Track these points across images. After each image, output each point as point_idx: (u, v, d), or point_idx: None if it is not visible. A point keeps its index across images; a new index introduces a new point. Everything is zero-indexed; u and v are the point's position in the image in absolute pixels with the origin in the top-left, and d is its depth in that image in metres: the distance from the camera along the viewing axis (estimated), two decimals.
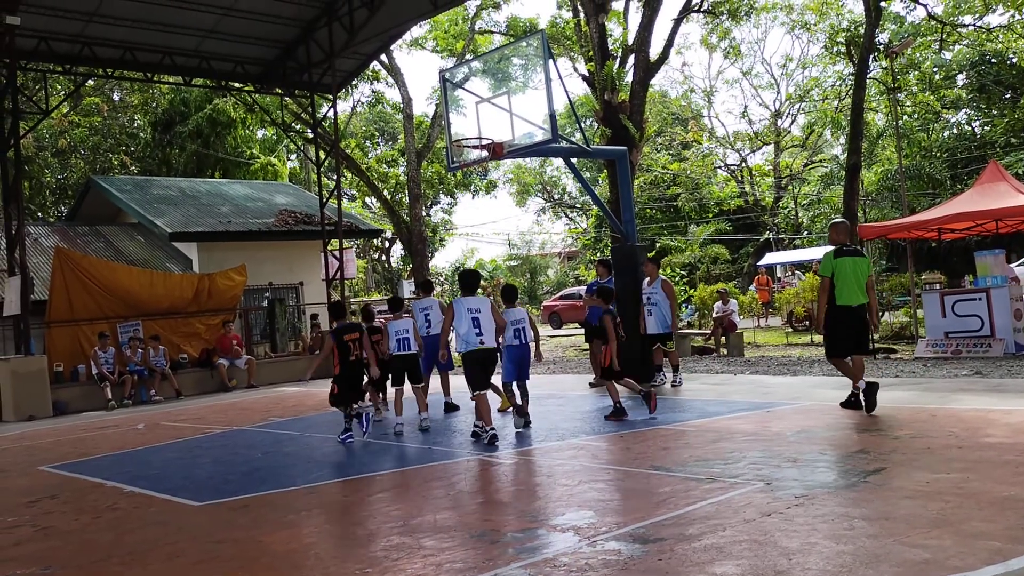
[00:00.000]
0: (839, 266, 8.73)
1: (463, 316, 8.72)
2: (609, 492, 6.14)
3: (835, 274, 8.75)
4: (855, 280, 8.71)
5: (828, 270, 8.80)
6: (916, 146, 34.05)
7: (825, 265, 8.86)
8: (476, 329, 8.70)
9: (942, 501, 5.15)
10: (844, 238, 9.03)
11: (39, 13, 17.11)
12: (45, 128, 31.80)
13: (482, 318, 8.76)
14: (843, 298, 8.71)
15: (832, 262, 8.77)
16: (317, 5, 19.88)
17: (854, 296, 8.73)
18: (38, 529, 6.53)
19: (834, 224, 9.38)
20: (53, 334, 17.40)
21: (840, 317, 8.78)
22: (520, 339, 9.44)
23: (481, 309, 8.82)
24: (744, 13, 24.76)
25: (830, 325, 8.88)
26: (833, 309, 8.79)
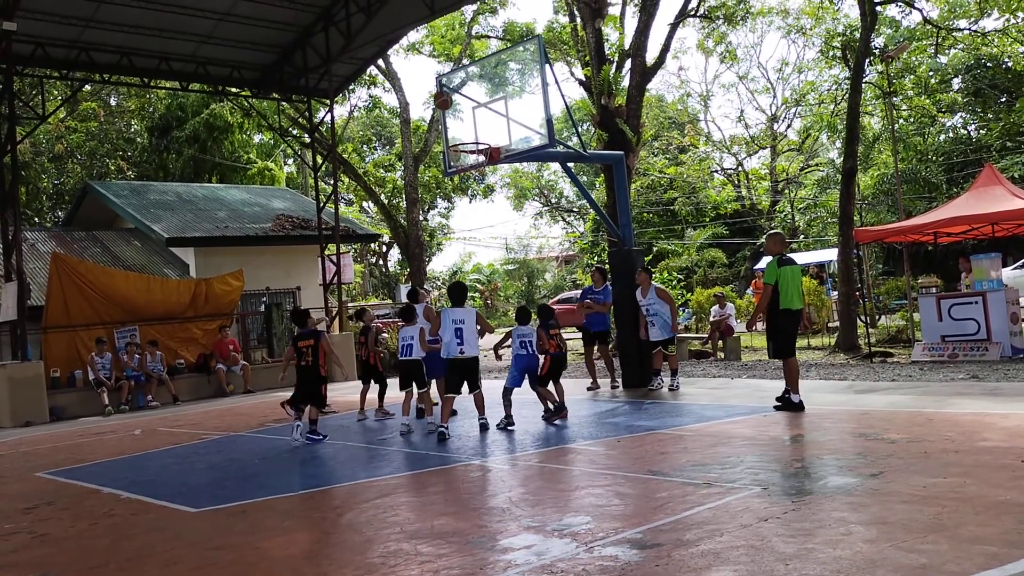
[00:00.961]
0: (782, 274, 9.44)
1: (447, 327, 9.59)
2: (606, 497, 6.14)
3: (779, 281, 9.44)
4: (795, 287, 9.50)
5: (772, 278, 9.49)
6: (912, 150, 34.11)
7: (769, 273, 9.53)
8: (458, 339, 9.55)
9: (939, 505, 5.16)
10: (782, 248, 9.86)
11: (36, 19, 17.11)
12: (42, 133, 31.76)
13: (465, 329, 9.56)
14: (787, 303, 9.44)
15: (776, 270, 9.47)
16: (314, 10, 19.90)
17: (797, 301, 9.53)
18: (35, 536, 6.52)
19: (772, 235, 10.19)
20: (50, 340, 17.37)
21: (786, 320, 9.55)
22: (527, 350, 10.12)
23: (465, 321, 9.61)
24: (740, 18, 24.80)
25: (779, 328, 9.63)
26: (779, 313, 9.51)
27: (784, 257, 9.62)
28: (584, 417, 10.45)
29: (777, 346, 9.78)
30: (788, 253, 10.00)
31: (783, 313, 9.49)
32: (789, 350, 9.66)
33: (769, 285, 9.51)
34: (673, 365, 12.54)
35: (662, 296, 12.18)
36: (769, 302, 9.57)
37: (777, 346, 9.78)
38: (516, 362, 10.19)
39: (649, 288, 12.23)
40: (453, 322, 9.57)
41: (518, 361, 10.15)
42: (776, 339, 9.73)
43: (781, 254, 9.68)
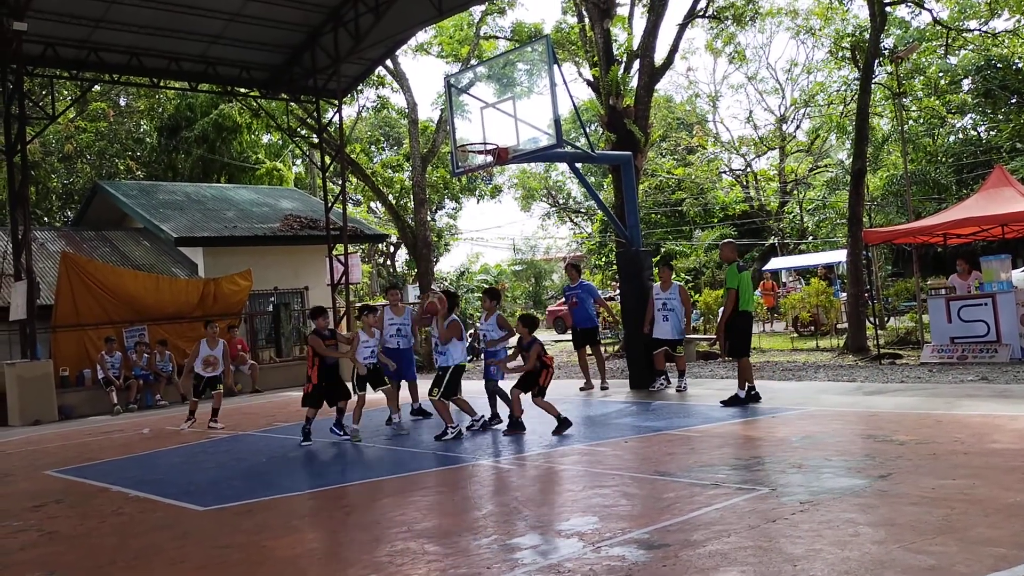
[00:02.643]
0: (743, 279, 10.24)
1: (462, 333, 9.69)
2: (613, 498, 6.13)
3: (740, 285, 10.17)
4: (750, 290, 10.38)
5: (735, 282, 10.20)
6: (922, 151, 33.98)
7: (732, 278, 10.27)
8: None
9: (948, 507, 5.14)
10: (736, 255, 10.68)
11: (46, 19, 17.17)
12: (52, 133, 31.87)
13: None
14: (745, 304, 10.25)
15: (738, 275, 10.23)
16: (323, 11, 19.93)
17: (751, 303, 10.45)
18: (43, 533, 6.55)
19: (728, 243, 11.04)
20: (59, 339, 17.44)
21: (743, 321, 10.38)
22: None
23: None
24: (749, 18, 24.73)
25: (741, 329, 10.37)
26: (738, 315, 10.22)
27: (741, 264, 10.49)
28: (591, 418, 10.44)
29: (734, 345, 10.38)
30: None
31: (742, 314, 10.28)
32: (745, 350, 10.43)
33: (733, 290, 10.20)
34: (680, 366, 12.50)
35: (682, 295, 12.18)
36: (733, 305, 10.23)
37: (734, 345, 10.38)
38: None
39: (671, 285, 12.23)
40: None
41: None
42: (734, 339, 10.35)
43: (736, 261, 10.48)
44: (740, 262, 10.54)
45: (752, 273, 36.70)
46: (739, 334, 10.39)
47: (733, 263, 10.48)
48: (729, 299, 10.25)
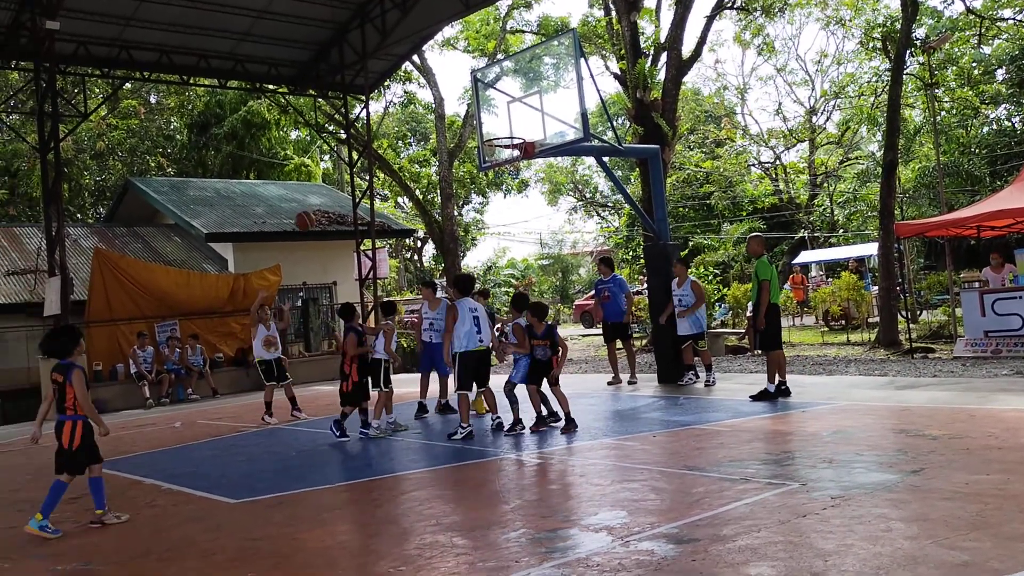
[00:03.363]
0: (773, 272, 10.36)
1: (466, 316, 9.30)
2: (642, 492, 6.11)
3: (771, 278, 10.26)
4: (777, 284, 10.50)
5: (768, 274, 10.27)
6: (954, 142, 33.50)
7: (764, 269, 10.31)
8: (476, 328, 9.34)
9: (981, 503, 5.07)
10: (763, 249, 10.76)
11: (78, 18, 17.39)
12: (84, 131, 32.30)
13: (481, 317, 9.42)
14: (775, 298, 10.36)
15: (769, 268, 10.33)
16: (350, 7, 20.00)
17: (778, 296, 10.57)
18: (79, 525, 6.65)
19: (756, 237, 11.02)
20: (92, 334, 17.67)
21: (774, 315, 10.40)
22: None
23: (479, 309, 9.48)
24: (778, 9, 24.46)
25: (772, 322, 10.35)
26: (770, 308, 10.24)
27: (768, 258, 10.60)
28: (619, 412, 10.42)
29: (765, 339, 10.37)
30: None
31: (772, 307, 10.30)
32: (777, 343, 10.41)
33: (767, 281, 10.21)
34: (706, 360, 12.44)
35: (695, 290, 12.14)
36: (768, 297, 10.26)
37: (765, 339, 10.37)
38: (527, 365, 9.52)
39: (685, 280, 12.21)
40: (471, 311, 9.33)
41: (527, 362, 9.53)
42: (765, 332, 10.33)
43: (764, 255, 10.58)
44: (767, 256, 10.59)
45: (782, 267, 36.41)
46: (770, 327, 10.33)
47: (762, 256, 10.52)
48: (763, 291, 10.18)
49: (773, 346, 10.34)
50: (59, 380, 6.48)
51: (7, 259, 20.20)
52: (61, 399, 6.48)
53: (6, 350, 18.25)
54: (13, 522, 7.03)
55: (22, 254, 20.48)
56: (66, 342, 6.68)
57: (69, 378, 6.43)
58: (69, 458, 6.50)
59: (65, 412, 6.47)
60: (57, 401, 6.51)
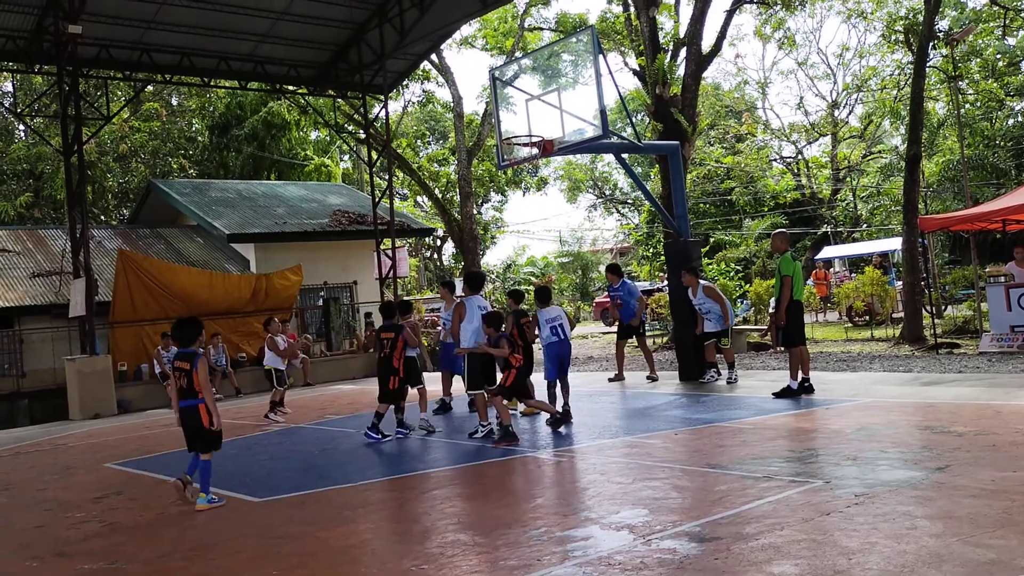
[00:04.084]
0: (796, 268, 10.29)
1: (475, 313, 9.22)
2: (664, 490, 6.09)
3: (794, 274, 10.19)
4: (801, 279, 10.38)
5: (790, 269, 10.19)
6: (979, 135, 33.10)
7: (787, 265, 10.22)
8: (562, 333, 9.43)
9: (1008, 500, 5.01)
10: (788, 245, 10.73)
11: (99, 22, 17.57)
12: (107, 134, 32.59)
13: (565, 325, 9.53)
14: (798, 294, 10.27)
15: (792, 264, 10.25)
16: (368, 7, 20.07)
17: (802, 292, 10.50)
18: (104, 524, 6.72)
19: (780, 233, 10.94)
20: (117, 334, 17.86)
21: (797, 310, 10.33)
22: (559, 335, 9.68)
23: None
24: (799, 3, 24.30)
25: (796, 318, 10.27)
26: (793, 304, 10.17)
27: (793, 253, 10.55)
28: (641, 410, 10.39)
29: (789, 335, 10.29)
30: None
31: (795, 303, 10.23)
32: (802, 338, 10.37)
33: (789, 276, 10.13)
34: (729, 358, 12.38)
35: (710, 295, 12.12)
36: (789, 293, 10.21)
37: (789, 335, 10.29)
38: (548, 350, 9.76)
39: (698, 287, 12.16)
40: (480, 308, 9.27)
41: (550, 349, 9.73)
42: (788, 328, 10.27)
43: (788, 251, 10.53)
44: (792, 252, 10.53)
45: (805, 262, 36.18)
46: (793, 323, 10.28)
47: (786, 252, 10.47)
48: (785, 287, 10.11)
49: (796, 342, 10.27)
50: (185, 367, 6.92)
51: (32, 261, 20.45)
52: (189, 384, 6.91)
53: (33, 351, 18.48)
54: (41, 521, 7.11)
55: (47, 256, 20.72)
56: (191, 332, 7.16)
57: (195, 365, 6.89)
58: (209, 436, 7.02)
59: (196, 396, 6.93)
60: (186, 387, 6.93)
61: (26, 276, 19.63)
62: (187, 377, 6.89)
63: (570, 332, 9.92)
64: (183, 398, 6.97)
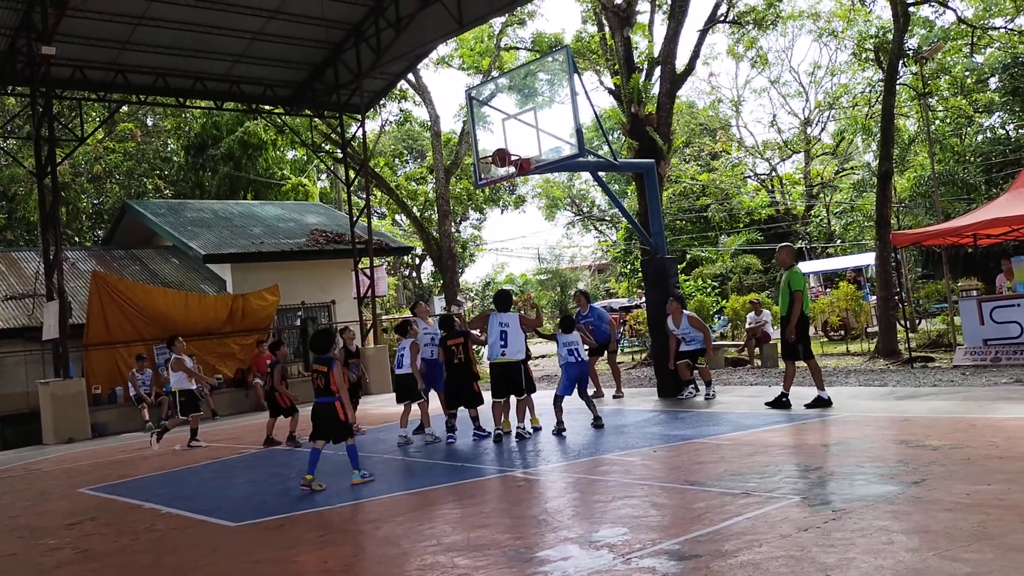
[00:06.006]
0: (804, 281, 10.32)
1: (494, 329, 9.91)
2: (643, 508, 6.10)
3: (803, 288, 10.25)
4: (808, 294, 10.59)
5: (800, 284, 10.22)
6: (949, 151, 33.61)
7: (797, 280, 10.23)
8: (501, 341, 9.83)
9: (983, 513, 5.06)
10: (793, 259, 10.69)
11: (73, 42, 17.48)
12: (81, 154, 32.39)
13: (510, 331, 9.84)
14: (807, 308, 10.35)
15: (801, 278, 10.28)
16: (345, 27, 20.11)
17: (809, 307, 10.61)
18: (78, 551, 6.62)
19: (786, 247, 10.94)
20: (91, 357, 17.66)
21: (806, 324, 10.42)
22: (576, 357, 10.21)
23: (510, 324, 9.88)
24: (770, 22, 24.62)
25: (805, 331, 10.37)
26: (802, 318, 10.25)
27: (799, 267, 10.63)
28: (619, 427, 10.40)
29: (801, 350, 10.29)
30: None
31: (803, 317, 10.29)
32: (811, 351, 10.44)
33: (800, 291, 10.14)
34: (706, 376, 12.44)
35: (695, 325, 12.23)
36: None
37: (801, 350, 10.29)
38: (566, 370, 10.28)
39: (681, 318, 12.21)
40: (499, 325, 9.90)
41: (568, 369, 10.25)
42: (802, 342, 10.30)
43: (793, 265, 10.47)
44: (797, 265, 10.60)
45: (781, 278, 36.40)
46: (803, 336, 10.33)
47: (792, 267, 10.43)
48: (796, 302, 10.11)
49: (809, 355, 10.35)
50: (323, 370, 7.99)
51: (5, 284, 20.21)
52: (326, 385, 7.98)
53: (5, 375, 18.23)
54: (14, 549, 7.00)
55: (20, 279, 20.49)
56: (327, 341, 8.38)
57: (331, 368, 7.97)
58: (342, 429, 8.08)
59: (332, 395, 7.99)
60: (323, 387, 8.00)
61: None
62: (325, 379, 7.95)
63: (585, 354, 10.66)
64: (320, 396, 8.04)
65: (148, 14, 17.49)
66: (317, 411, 8.10)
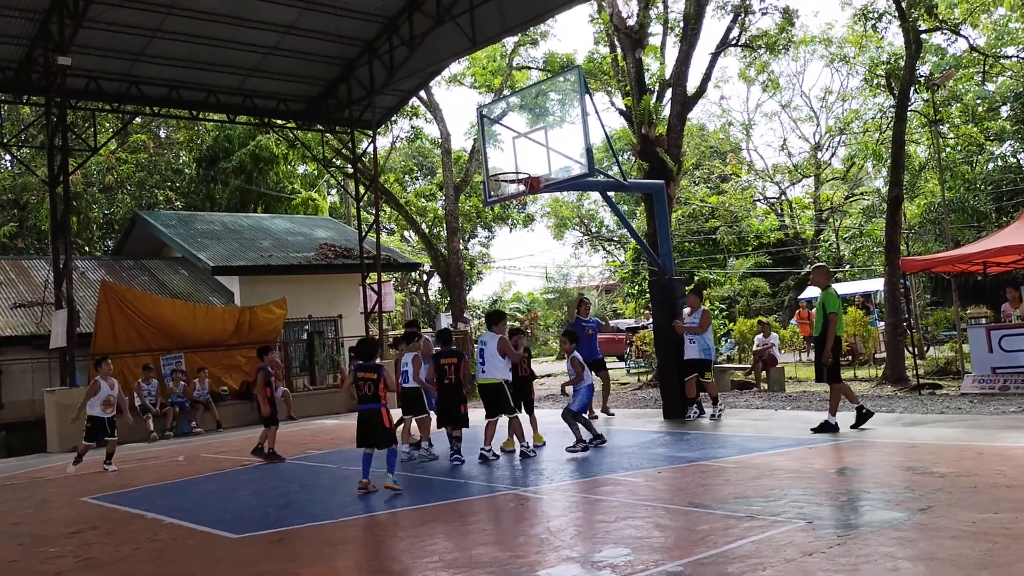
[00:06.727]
0: (839, 303, 10.26)
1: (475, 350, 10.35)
2: (647, 529, 6.06)
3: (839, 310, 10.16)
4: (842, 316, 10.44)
5: (836, 306, 10.15)
6: (960, 178, 33.54)
7: (832, 302, 10.17)
8: (480, 360, 9.98)
9: (989, 542, 5.01)
10: (829, 280, 10.58)
11: (89, 53, 17.63)
12: (93, 164, 32.58)
13: (486, 351, 9.86)
14: (841, 330, 10.33)
15: (836, 300, 10.23)
16: (358, 44, 20.24)
17: (843, 329, 10.71)
18: (80, 560, 6.61)
19: (821, 267, 10.94)
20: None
21: (840, 346, 10.47)
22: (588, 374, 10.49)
23: (487, 344, 9.90)
24: (782, 47, 24.67)
25: (840, 354, 10.48)
26: (836, 340, 10.18)
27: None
28: (625, 447, 10.35)
29: (835, 372, 10.25)
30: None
31: (839, 340, 10.33)
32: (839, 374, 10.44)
33: (835, 313, 10.05)
34: (713, 393, 12.40)
35: (703, 319, 12.23)
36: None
37: (835, 372, 10.25)
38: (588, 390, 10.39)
39: (697, 310, 12.32)
40: (479, 343, 10.05)
41: (589, 390, 10.42)
42: (835, 365, 10.24)
43: (829, 286, 10.35)
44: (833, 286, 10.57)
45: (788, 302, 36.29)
46: (837, 360, 10.31)
47: (828, 288, 10.33)
48: (831, 324, 10.04)
49: (837, 378, 10.31)
50: (372, 377, 8.21)
51: (14, 291, 20.30)
52: (374, 392, 8.19)
53: (12, 382, 18.27)
54: (15, 556, 6.99)
55: (29, 287, 20.58)
56: (374, 349, 8.64)
57: (382, 374, 8.25)
58: (387, 435, 8.38)
59: (380, 401, 8.23)
60: (371, 394, 8.21)
61: (7, 306, 19.48)
62: (374, 386, 8.17)
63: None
64: (368, 403, 8.24)
65: (163, 27, 17.63)
66: (366, 418, 8.27)
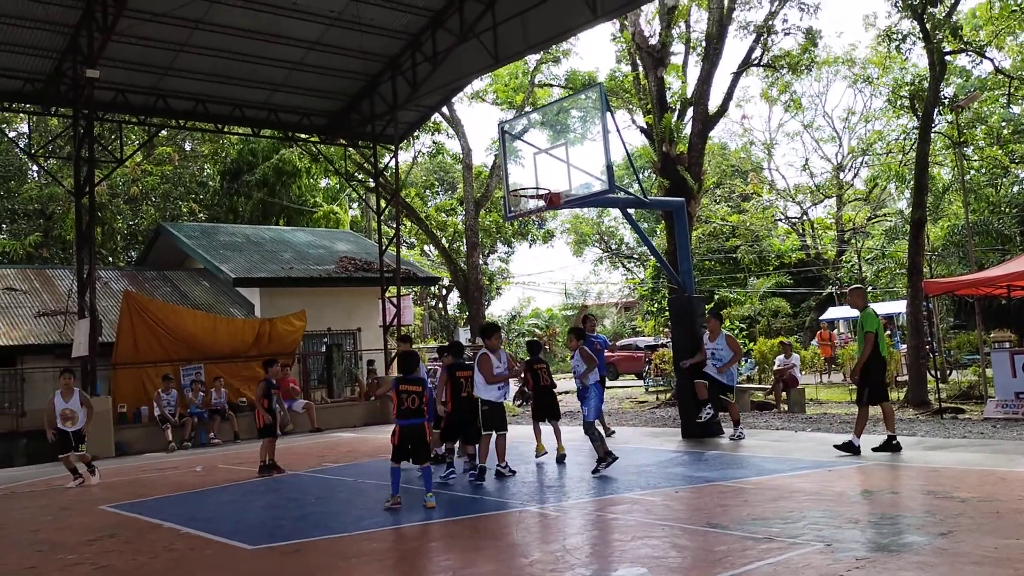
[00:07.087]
0: (879, 323, 10.26)
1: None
2: (663, 549, 6.02)
3: (878, 330, 10.16)
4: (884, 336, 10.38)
5: (875, 325, 10.15)
6: (984, 201, 33.26)
7: (871, 321, 10.18)
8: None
9: (1011, 568, 4.94)
10: (866, 301, 10.61)
11: (117, 67, 17.86)
12: (119, 176, 32.96)
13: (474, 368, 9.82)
14: (883, 350, 10.25)
15: (876, 320, 10.23)
16: (382, 60, 20.40)
17: (885, 348, 10.46)
18: (97, 567, 6.64)
19: (858, 289, 10.99)
20: (118, 376, 17.82)
21: (882, 366, 10.35)
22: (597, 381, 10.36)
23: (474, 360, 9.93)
24: (805, 67, 24.62)
25: (882, 374, 10.33)
26: (879, 360, 10.16)
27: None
28: (643, 466, 10.30)
29: (878, 393, 10.29)
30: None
31: (883, 360, 10.36)
32: (885, 394, 10.52)
33: (872, 333, 10.09)
34: (734, 416, 12.30)
35: (730, 344, 12.15)
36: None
37: (878, 393, 10.29)
38: (595, 391, 10.21)
39: (719, 335, 12.20)
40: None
41: (596, 389, 10.25)
42: (869, 384, 10.26)
43: (867, 307, 10.37)
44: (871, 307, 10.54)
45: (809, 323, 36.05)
46: (876, 379, 10.26)
47: (867, 309, 10.35)
48: (868, 343, 10.06)
49: (878, 399, 10.27)
50: (417, 391, 8.13)
51: (38, 300, 20.52)
52: (418, 406, 8.11)
53: (34, 390, 18.41)
54: (33, 563, 7.04)
55: (53, 296, 20.80)
56: (415, 361, 8.58)
57: (427, 387, 8.24)
58: (427, 450, 8.34)
59: (423, 415, 8.19)
60: (415, 408, 8.10)
61: (31, 315, 19.68)
62: (418, 399, 8.08)
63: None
64: (410, 417, 8.10)
65: (191, 41, 17.85)
66: (409, 433, 8.10)
